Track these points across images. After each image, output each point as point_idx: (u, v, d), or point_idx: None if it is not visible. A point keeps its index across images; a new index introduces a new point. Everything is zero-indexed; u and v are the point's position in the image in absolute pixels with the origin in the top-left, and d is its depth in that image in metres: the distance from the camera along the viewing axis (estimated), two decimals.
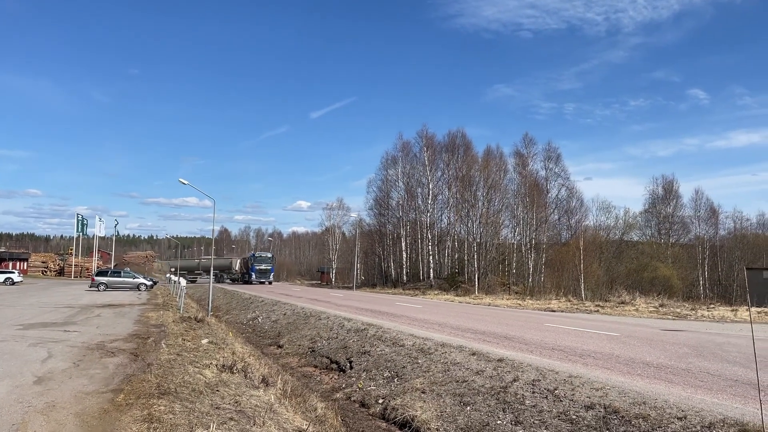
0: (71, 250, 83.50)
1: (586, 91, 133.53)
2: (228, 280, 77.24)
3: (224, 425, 7.05)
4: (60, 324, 17.28)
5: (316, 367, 15.42)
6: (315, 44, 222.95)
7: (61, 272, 77.72)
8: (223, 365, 11.20)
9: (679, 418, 7.19)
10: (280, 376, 11.76)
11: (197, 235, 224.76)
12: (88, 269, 74.74)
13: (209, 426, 6.79)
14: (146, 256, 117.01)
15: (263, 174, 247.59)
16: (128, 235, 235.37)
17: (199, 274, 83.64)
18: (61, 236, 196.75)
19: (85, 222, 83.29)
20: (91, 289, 42.81)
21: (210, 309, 26.60)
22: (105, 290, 42.47)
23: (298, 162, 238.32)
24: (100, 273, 47.40)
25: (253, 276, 70.29)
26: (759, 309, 22.65)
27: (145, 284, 45.94)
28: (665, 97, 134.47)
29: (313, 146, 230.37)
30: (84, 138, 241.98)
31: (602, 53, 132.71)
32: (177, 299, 29.39)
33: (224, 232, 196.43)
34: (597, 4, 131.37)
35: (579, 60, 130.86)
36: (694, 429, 6.83)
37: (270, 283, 71.19)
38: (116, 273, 48.21)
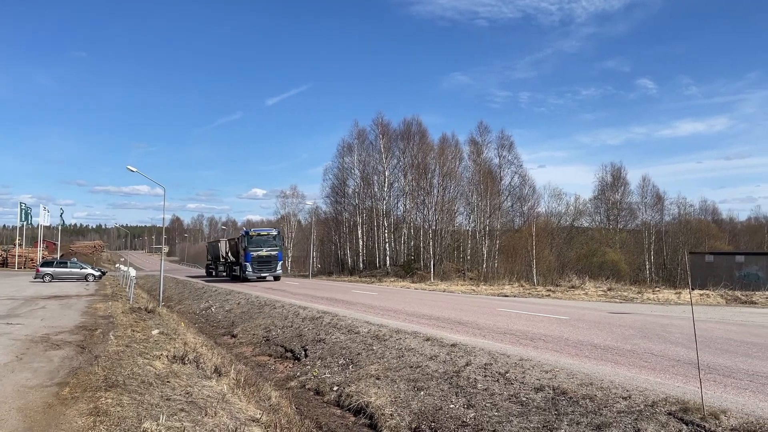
0: (18, 240, 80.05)
1: (540, 80, 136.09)
2: (223, 273, 49.75)
3: (174, 416, 6.93)
4: (2, 316, 16.64)
5: (270, 356, 15.30)
6: (269, 30, 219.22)
7: (3, 263, 74.71)
8: (174, 356, 11.00)
9: (624, 398, 7.43)
10: (233, 366, 11.62)
11: (148, 224, 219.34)
12: (32, 260, 72.07)
13: (159, 418, 6.66)
14: (94, 246, 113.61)
15: (217, 161, 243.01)
16: (75, 225, 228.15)
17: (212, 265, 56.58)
18: (3, 226, 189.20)
19: (28, 211, 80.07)
20: (36, 280, 41.32)
21: (161, 299, 26.04)
22: (51, 281, 41.06)
23: (253, 149, 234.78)
24: (46, 264, 45.75)
25: (248, 269, 40.74)
26: (701, 292, 23.57)
27: (94, 275, 44.63)
28: (615, 86, 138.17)
29: (268, 133, 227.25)
30: (27, 123, 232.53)
31: (556, 42, 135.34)
32: (127, 290, 28.66)
33: (176, 221, 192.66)
34: None
35: (533, 49, 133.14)
36: (638, 408, 7.07)
37: (277, 278, 42.61)
38: (62, 263, 46.62)
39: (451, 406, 8.52)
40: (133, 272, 28.92)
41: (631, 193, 71.11)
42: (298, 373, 12.68)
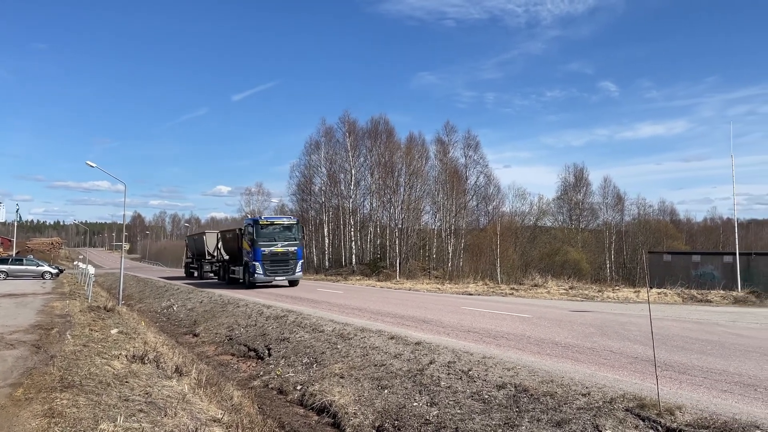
0: None
1: (506, 81, 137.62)
2: (210, 274, 40.14)
3: (133, 417, 6.78)
4: None
5: (233, 355, 15.12)
6: (236, 25, 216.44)
7: None
8: (134, 356, 10.78)
9: (584, 395, 7.57)
10: (194, 366, 11.44)
11: (108, 221, 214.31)
12: None
13: (116, 419, 6.51)
14: (52, 243, 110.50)
15: (181, 157, 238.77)
16: (32, 221, 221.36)
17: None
18: None
19: None
20: None
21: (121, 298, 25.49)
22: (5, 279, 39.83)
23: (218, 146, 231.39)
24: (0, 261, 44.35)
25: (258, 270, 29.20)
26: (659, 290, 24.17)
27: (51, 272, 43.45)
28: (579, 88, 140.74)
29: (234, 130, 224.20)
30: None
31: (522, 44, 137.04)
32: (85, 288, 27.97)
33: (138, 218, 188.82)
34: None
35: (500, 50, 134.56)
36: (596, 404, 7.21)
37: (295, 283, 31.48)
38: (18, 261, 45.29)
39: (415, 404, 8.55)
40: (92, 270, 28.25)
41: (593, 194, 72.74)
42: (262, 373, 12.55)
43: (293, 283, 30.97)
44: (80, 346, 11.23)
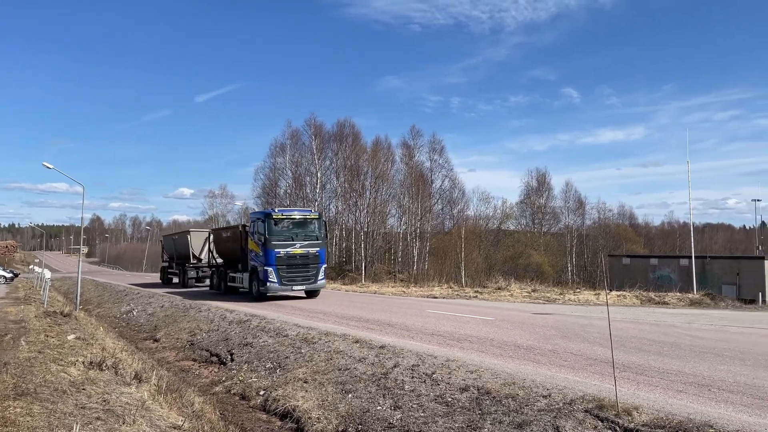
0: None
1: (470, 86, 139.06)
2: (193, 280, 34.52)
3: (89, 425, 6.61)
4: None
5: (195, 360, 14.88)
6: (199, 24, 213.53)
7: None
8: (91, 362, 10.51)
9: (545, 396, 7.68)
10: (154, 372, 11.22)
11: (66, 224, 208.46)
12: None
13: (72, 427, 6.33)
14: (6, 246, 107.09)
15: (143, 159, 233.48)
16: None
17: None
18: None
19: None
20: None
21: (78, 302, 24.83)
22: None
23: (181, 147, 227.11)
24: None
25: (272, 277, 22.33)
26: (618, 293, 24.71)
27: (5, 277, 42.14)
28: (542, 94, 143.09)
29: (198, 131, 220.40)
30: None
31: (486, 50, 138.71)
32: (41, 293, 27.16)
33: (96, 221, 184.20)
34: (482, 2, 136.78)
35: (465, 56, 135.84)
36: (557, 406, 7.32)
37: (315, 294, 25.04)
38: None
39: (379, 407, 8.55)
40: (48, 274, 27.46)
41: (555, 198, 74.09)
42: (224, 378, 12.38)
43: (312, 294, 24.53)
44: (35, 353, 10.91)
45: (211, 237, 31.49)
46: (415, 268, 53.09)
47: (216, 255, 30.28)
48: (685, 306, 21.56)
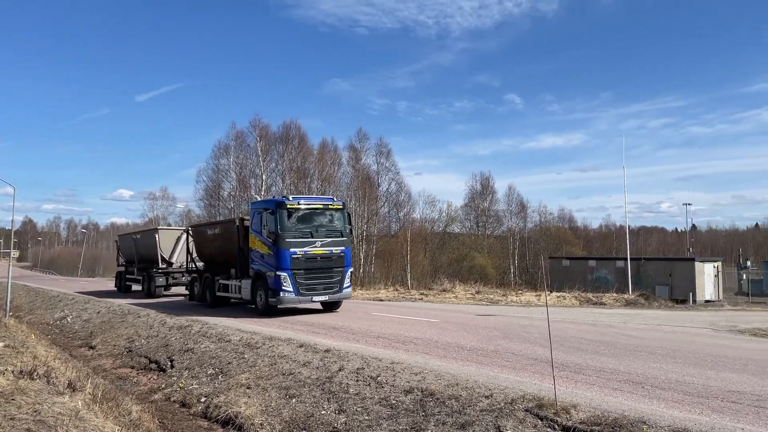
0: None
1: (417, 91, 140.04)
2: (161, 288, 28.48)
3: None
4: None
5: (133, 368, 14.40)
6: (139, 22, 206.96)
7: None
8: (21, 371, 10.01)
9: (487, 397, 7.80)
10: (90, 380, 10.79)
11: None
12: None
13: None
14: None
15: (80, 160, 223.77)
16: None
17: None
18: None
19: None
20: None
21: (8, 309, 23.65)
22: None
23: (121, 147, 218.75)
24: None
25: (286, 285, 17.19)
26: (558, 294, 25.41)
27: None
28: (486, 100, 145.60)
29: (138, 131, 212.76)
30: None
31: (432, 55, 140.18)
32: None
33: (29, 223, 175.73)
34: (429, 7, 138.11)
35: (411, 60, 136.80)
36: (498, 406, 7.45)
37: (336, 306, 19.43)
38: None
39: (323, 412, 8.48)
40: None
41: (498, 201, 75.72)
42: (163, 385, 12.03)
43: (333, 306, 19.26)
44: None
45: (190, 236, 25.58)
46: (361, 270, 53.10)
47: (196, 258, 24.74)
48: (621, 306, 22.37)
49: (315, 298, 17.86)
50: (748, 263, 41.79)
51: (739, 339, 13.89)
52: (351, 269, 18.90)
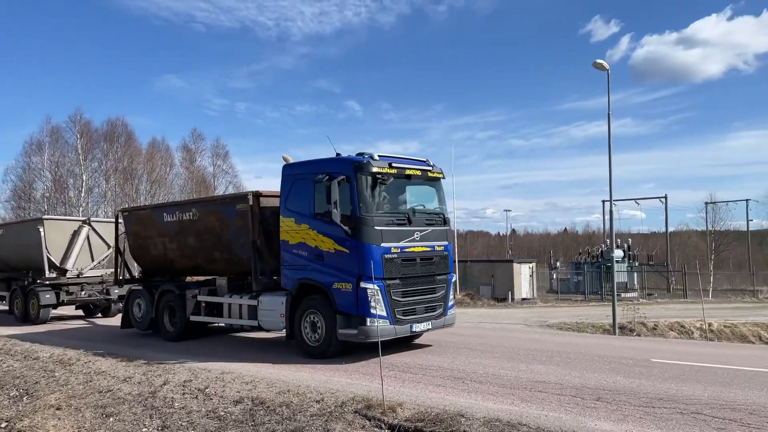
0: None
1: (258, 92, 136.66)
2: (49, 309, 18.98)
3: None
4: None
5: None
6: None
7: None
8: None
9: (318, 401, 7.83)
10: None
11: None
12: None
13: None
14: None
15: None
16: None
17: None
18: None
19: None
20: None
21: None
22: None
23: None
24: None
25: (381, 303, 10.28)
26: None
27: None
28: (327, 105, 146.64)
29: None
30: None
31: (273, 57, 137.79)
32: None
33: None
34: (269, 9, 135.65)
35: (251, 60, 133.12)
36: (329, 409, 7.51)
37: (416, 336, 12.11)
38: None
39: (144, 429, 7.94)
40: None
41: None
42: None
43: (416, 336, 12.23)
44: None
45: (121, 225, 16.71)
46: None
47: (135, 263, 16.74)
48: None
49: (415, 327, 10.97)
50: (558, 264, 46.48)
51: (547, 333, 15.45)
52: (454, 278, 12.54)
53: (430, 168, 11.85)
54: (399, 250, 10.74)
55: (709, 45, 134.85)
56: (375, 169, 10.59)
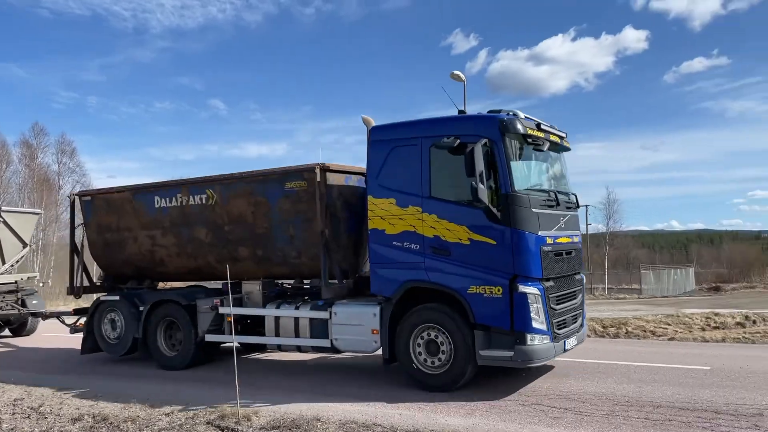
0: None
1: (111, 86, 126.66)
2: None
3: None
4: None
5: None
6: None
7: None
8: None
9: (167, 414, 7.46)
10: None
11: None
12: None
13: None
14: None
15: None
16: None
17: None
18: None
19: None
20: None
21: None
22: None
23: None
24: None
25: (541, 313, 7.60)
26: None
27: None
28: (189, 103, 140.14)
29: None
30: None
31: (129, 50, 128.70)
32: None
33: None
34: None
35: (104, 52, 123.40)
36: (179, 422, 7.16)
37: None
38: None
39: None
40: None
41: None
42: None
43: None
44: None
45: (90, 213, 12.12)
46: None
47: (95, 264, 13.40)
48: None
49: (568, 344, 8.30)
50: None
51: None
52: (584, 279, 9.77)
53: (564, 134, 9.27)
54: (552, 241, 8.17)
55: (555, 62, 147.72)
56: (526, 131, 8.03)
